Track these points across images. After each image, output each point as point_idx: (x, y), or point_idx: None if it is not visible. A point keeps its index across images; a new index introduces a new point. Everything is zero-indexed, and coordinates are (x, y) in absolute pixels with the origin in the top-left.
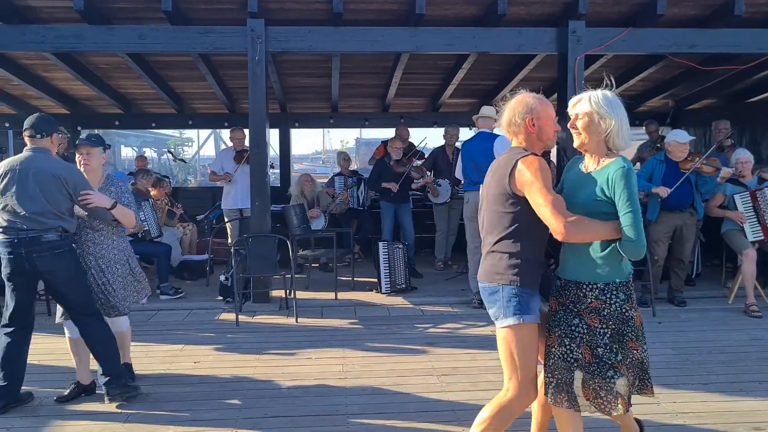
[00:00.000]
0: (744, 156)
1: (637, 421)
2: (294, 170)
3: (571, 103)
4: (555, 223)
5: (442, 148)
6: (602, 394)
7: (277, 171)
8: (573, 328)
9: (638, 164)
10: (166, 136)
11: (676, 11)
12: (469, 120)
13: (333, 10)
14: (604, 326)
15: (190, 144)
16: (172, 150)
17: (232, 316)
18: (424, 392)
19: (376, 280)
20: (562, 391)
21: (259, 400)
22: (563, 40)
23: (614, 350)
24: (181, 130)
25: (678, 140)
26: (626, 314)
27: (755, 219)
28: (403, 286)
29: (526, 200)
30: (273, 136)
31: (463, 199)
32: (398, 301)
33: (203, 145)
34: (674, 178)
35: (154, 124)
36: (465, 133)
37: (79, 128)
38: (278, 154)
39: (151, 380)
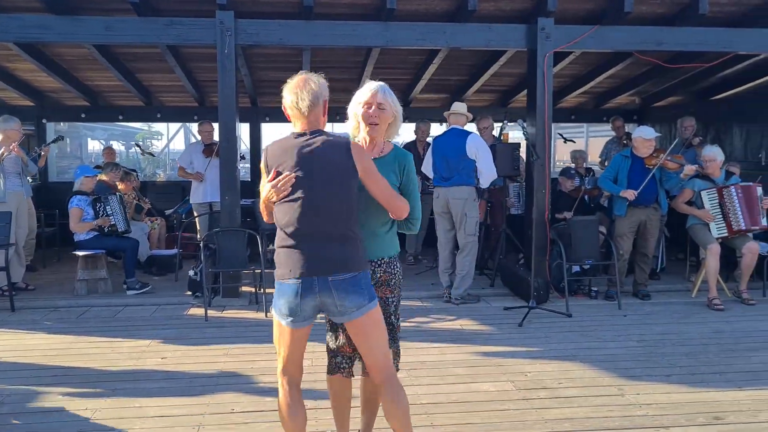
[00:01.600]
0: (708, 154)
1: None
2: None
3: (366, 92)
4: (400, 204)
5: (413, 143)
6: (396, 357)
7: (248, 165)
8: None
9: (606, 161)
10: (134, 130)
11: (644, 9)
12: (440, 115)
13: (304, 3)
14: (393, 295)
15: (159, 137)
16: (141, 143)
17: (200, 311)
18: None
19: None
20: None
21: (227, 395)
22: (533, 37)
23: (398, 315)
24: (150, 123)
25: (643, 137)
26: (401, 282)
27: (720, 215)
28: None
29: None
30: (244, 130)
31: (431, 194)
32: None
33: (173, 139)
34: (640, 173)
35: (121, 117)
36: (435, 129)
37: (44, 121)
38: (249, 148)
39: (118, 376)
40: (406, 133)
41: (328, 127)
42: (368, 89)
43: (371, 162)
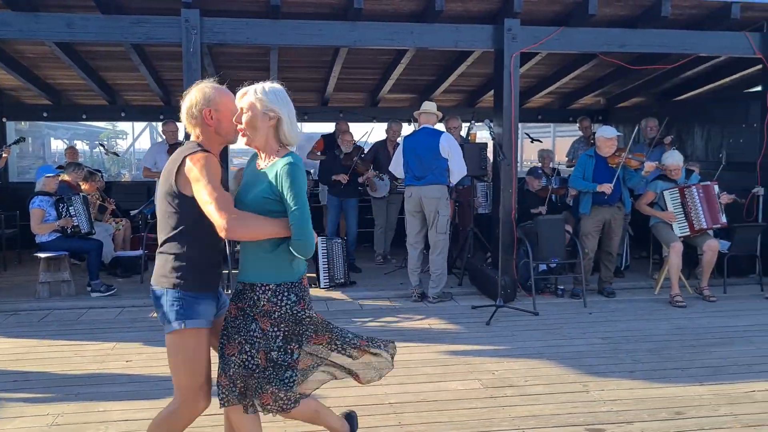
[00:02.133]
0: (673, 163)
1: (349, 415)
2: (233, 165)
3: (237, 97)
4: (219, 220)
5: (383, 142)
6: (281, 396)
7: None
8: (251, 333)
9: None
10: (98, 129)
11: (608, 11)
12: (408, 115)
13: (271, 3)
14: (276, 329)
15: (124, 137)
16: (105, 143)
17: None
18: (361, 386)
19: (314, 275)
20: (246, 397)
21: None
22: (499, 38)
23: (289, 351)
24: (114, 122)
25: (605, 136)
26: (298, 315)
27: (683, 215)
28: (342, 280)
29: (194, 200)
30: None
31: (400, 194)
32: (337, 295)
33: (138, 138)
34: (604, 172)
35: (85, 116)
36: (403, 128)
37: (4, 120)
38: None
39: (81, 380)
40: (377, 132)
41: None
42: (238, 95)
43: (198, 173)
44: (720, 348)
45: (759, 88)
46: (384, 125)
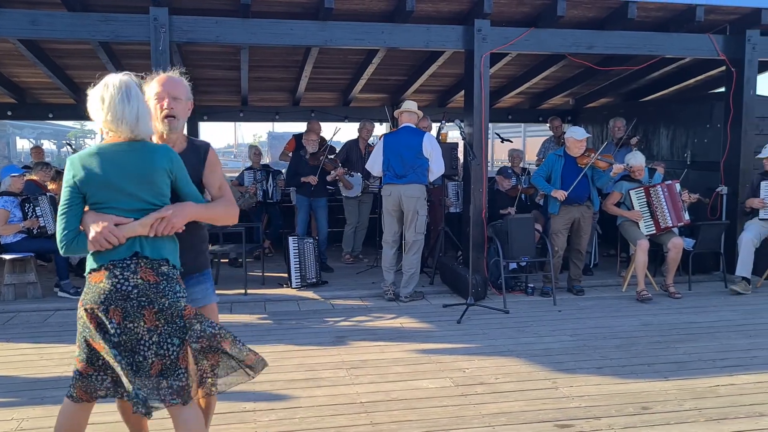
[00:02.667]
0: (637, 164)
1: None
2: None
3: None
4: None
5: (355, 141)
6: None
7: None
8: None
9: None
10: (65, 128)
11: (576, 13)
12: (380, 115)
13: (241, 1)
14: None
15: (92, 136)
16: (72, 142)
17: None
18: (333, 385)
19: (286, 275)
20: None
21: None
22: (470, 38)
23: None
24: (82, 121)
25: (575, 137)
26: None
27: (648, 213)
28: (314, 280)
29: None
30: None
31: (372, 193)
32: (309, 295)
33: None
34: (573, 172)
35: (51, 115)
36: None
37: None
38: None
39: (47, 383)
40: (348, 131)
41: (269, 126)
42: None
43: None
44: (685, 344)
45: (722, 90)
46: (355, 125)
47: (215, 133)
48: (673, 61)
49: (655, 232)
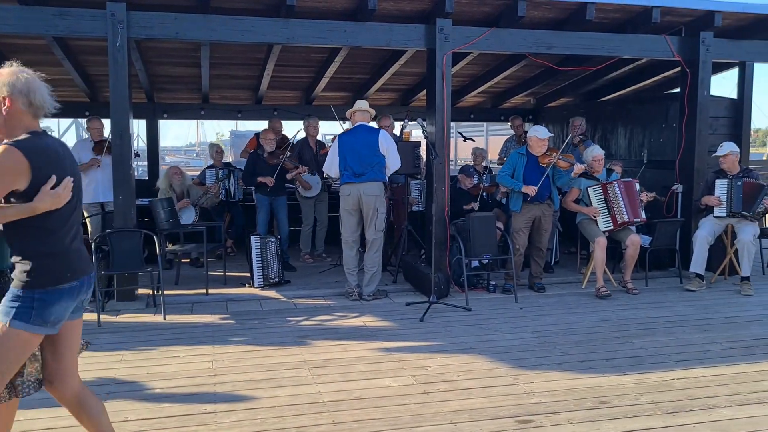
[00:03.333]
0: (597, 154)
1: None
2: (165, 163)
3: None
4: None
5: (305, 140)
6: None
7: (145, 163)
8: None
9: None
10: None
11: (536, 14)
12: (344, 113)
13: None
14: None
15: (49, 133)
16: None
17: (93, 317)
18: (295, 385)
19: (249, 274)
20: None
21: (121, 402)
22: (432, 37)
23: None
24: None
25: (538, 136)
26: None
27: (606, 210)
28: (277, 279)
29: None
30: (140, 127)
31: (327, 192)
32: (271, 294)
33: (63, 135)
34: (535, 170)
35: None
36: (335, 127)
37: None
38: (146, 146)
39: None
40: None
41: (232, 125)
42: None
43: None
44: (642, 339)
45: (678, 90)
46: (320, 123)
47: (177, 132)
48: (631, 62)
49: (612, 228)
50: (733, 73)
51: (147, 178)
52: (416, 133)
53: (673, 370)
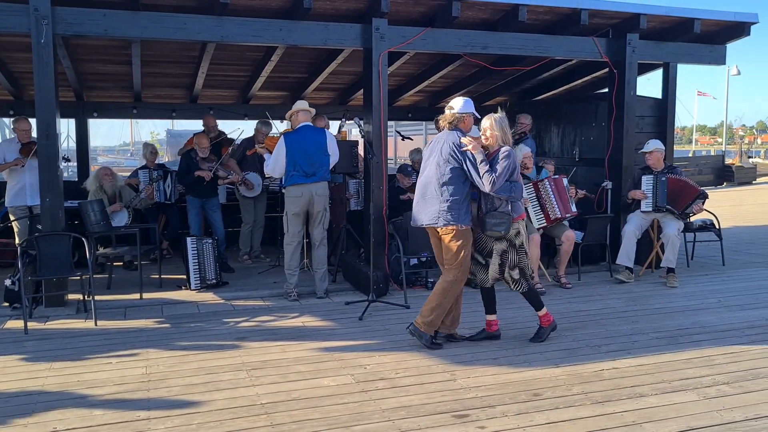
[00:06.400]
0: (527, 152)
1: None
2: (97, 163)
3: None
4: None
5: (250, 140)
6: None
7: (75, 164)
8: None
9: None
10: None
11: (470, 14)
12: (281, 113)
13: None
14: None
15: None
16: None
17: (19, 324)
18: (233, 387)
19: (185, 276)
20: None
21: (49, 413)
22: (368, 37)
23: None
24: None
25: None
26: None
27: (539, 207)
28: (214, 281)
29: None
30: (69, 126)
31: (266, 192)
32: (208, 297)
33: None
34: None
35: None
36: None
37: None
38: (76, 146)
39: None
40: (250, 131)
41: (168, 124)
42: None
43: None
44: (574, 331)
45: (606, 90)
46: (254, 123)
47: (110, 132)
48: (562, 63)
49: (546, 224)
50: (657, 75)
51: (77, 179)
52: (355, 132)
53: (603, 361)
